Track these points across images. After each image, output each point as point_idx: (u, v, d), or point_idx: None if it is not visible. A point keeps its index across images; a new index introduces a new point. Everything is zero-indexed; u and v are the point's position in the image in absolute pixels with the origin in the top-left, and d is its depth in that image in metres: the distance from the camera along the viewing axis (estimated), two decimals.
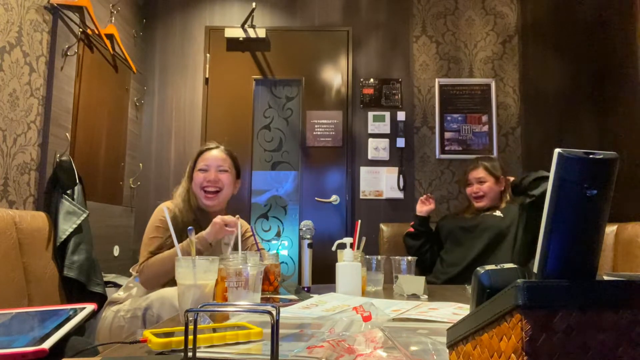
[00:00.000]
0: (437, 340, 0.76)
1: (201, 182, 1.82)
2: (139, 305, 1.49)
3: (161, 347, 0.77)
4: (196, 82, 3.41)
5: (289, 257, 3.75)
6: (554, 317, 0.43)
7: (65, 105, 2.31)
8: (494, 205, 2.42)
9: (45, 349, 0.80)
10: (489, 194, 2.40)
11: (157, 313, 1.43)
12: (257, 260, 1.47)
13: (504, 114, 3.41)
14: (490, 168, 2.43)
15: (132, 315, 1.50)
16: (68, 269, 1.99)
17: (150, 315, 1.45)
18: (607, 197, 0.46)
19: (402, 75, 3.42)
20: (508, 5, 3.50)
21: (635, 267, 1.93)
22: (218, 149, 1.91)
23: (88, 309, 1.03)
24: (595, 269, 0.47)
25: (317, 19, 3.48)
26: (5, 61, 1.92)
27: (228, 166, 1.88)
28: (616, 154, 0.46)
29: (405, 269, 1.66)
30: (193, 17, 3.46)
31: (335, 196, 3.32)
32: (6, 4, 1.92)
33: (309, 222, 1.71)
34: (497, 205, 2.43)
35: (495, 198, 2.42)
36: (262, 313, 0.69)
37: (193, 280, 1.03)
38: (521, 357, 0.43)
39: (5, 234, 1.69)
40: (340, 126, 3.37)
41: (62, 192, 2.11)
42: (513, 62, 3.45)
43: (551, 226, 0.45)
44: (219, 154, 1.89)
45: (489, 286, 0.52)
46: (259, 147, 3.78)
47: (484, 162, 2.48)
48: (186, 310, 0.69)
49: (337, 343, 0.74)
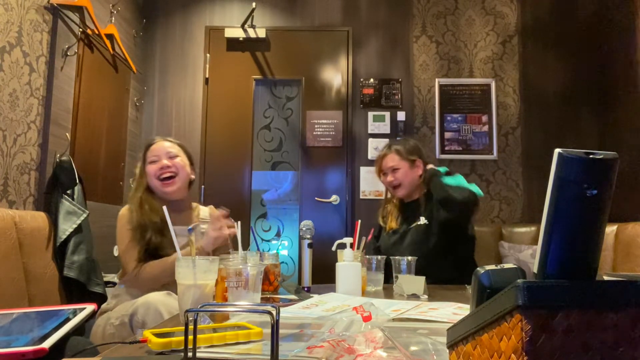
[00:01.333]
0: (437, 340, 0.76)
1: (155, 172, 1.81)
2: (126, 312, 1.49)
3: (161, 347, 0.77)
4: (196, 82, 3.41)
5: (289, 257, 3.75)
6: (554, 317, 0.43)
7: (65, 105, 2.31)
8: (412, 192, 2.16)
9: (45, 348, 0.80)
10: (404, 182, 2.13)
11: (142, 319, 1.42)
12: (257, 260, 1.47)
13: (504, 114, 3.41)
14: (402, 152, 2.16)
15: (120, 322, 1.50)
16: (68, 269, 1.99)
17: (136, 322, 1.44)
18: (607, 197, 0.46)
19: (402, 75, 3.42)
20: (508, 5, 3.50)
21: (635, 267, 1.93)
22: (163, 140, 1.91)
23: (88, 309, 1.03)
24: (595, 269, 0.47)
25: (317, 19, 3.48)
26: (5, 61, 1.92)
27: (177, 151, 1.88)
28: (616, 154, 0.46)
29: (405, 269, 1.66)
30: (193, 17, 3.46)
31: (335, 196, 3.32)
32: (6, 4, 1.92)
33: (309, 222, 1.71)
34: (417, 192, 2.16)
35: (413, 184, 2.14)
36: (262, 313, 0.69)
37: (193, 280, 1.03)
38: (521, 357, 0.43)
39: (5, 234, 1.69)
40: (340, 126, 3.37)
41: (62, 192, 2.11)
42: (513, 62, 3.45)
43: (551, 226, 0.45)
44: (165, 142, 1.89)
45: (489, 286, 0.52)
46: (259, 147, 3.78)
47: (396, 146, 2.19)
48: (186, 310, 0.69)
49: (337, 343, 0.74)
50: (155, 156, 1.84)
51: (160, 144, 1.88)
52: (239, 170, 3.35)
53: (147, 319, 1.41)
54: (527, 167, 3.34)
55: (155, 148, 1.87)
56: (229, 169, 3.34)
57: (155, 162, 1.83)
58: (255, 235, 1.80)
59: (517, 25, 3.48)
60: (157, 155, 1.84)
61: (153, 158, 1.84)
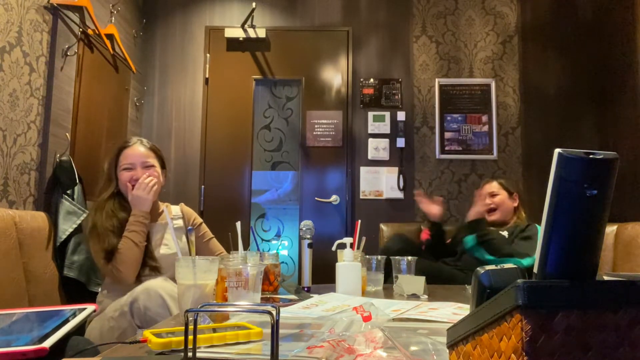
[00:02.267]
0: (437, 340, 0.76)
1: (128, 180, 1.77)
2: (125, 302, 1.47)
3: (161, 347, 0.77)
4: (196, 82, 3.41)
5: (289, 257, 3.75)
6: (554, 317, 0.43)
7: (65, 105, 2.31)
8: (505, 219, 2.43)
9: (46, 347, 0.80)
10: (501, 207, 2.42)
11: (144, 305, 1.41)
12: (257, 260, 1.47)
13: (504, 114, 3.41)
14: (503, 183, 2.50)
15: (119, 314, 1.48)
16: (68, 269, 1.99)
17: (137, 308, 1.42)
18: (607, 197, 0.46)
19: (402, 75, 3.42)
20: (508, 5, 3.50)
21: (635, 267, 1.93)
22: (138, 143, 1.85)
23: (89, 309, 1.03)
24: (595, 269, 0.47)
25: (317, 19, 3.48)
26: (5, 61, 1.92)
27: (152, 160, 1.83)
28: (616, 154, 0.46)
29: (405, 269, 1.66)
30: (193, 17, 3.46)
31: (335, 196, 3.32)
32: (6, 4, 1.92)
33: (309, 222, 1.71)
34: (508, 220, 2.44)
35: (507, 212, 2.44)
36: (262, 313, 0.69)
37: (193, 280, 1.03)
38: (521, 357, 0.43)
39: (5, 234, 1.69)
40: (340, 126, 3.37)
41: (62, 192, 2.11)
42: (513, 62, 3.45)
43: (551, 226, 0.45)
44: (141, 149, 1.83)
45: (489, 286, 0.52)
46: (259, 147, 3.79)
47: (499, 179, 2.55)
48: (186, 310, 0.69)
49: (337, 343, 0.74)
50: (130, 164, 1.79)
51: (135, 149, 1.82)
52: (239, 170, 3.35)
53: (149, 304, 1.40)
54: (527, 167, 3.34)
55: (129, 154, 1.81)
56: (228, 169, 3.34)
57: (130, 170, 1.78)
58: (255, 235, 1.80)
59: (517, 25, 3.48)
60: (131, 163, 1.79)
61: (127, 165, 1.79)
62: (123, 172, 1.79)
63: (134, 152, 1.82)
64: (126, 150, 1.82)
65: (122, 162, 1.80)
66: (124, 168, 1.79)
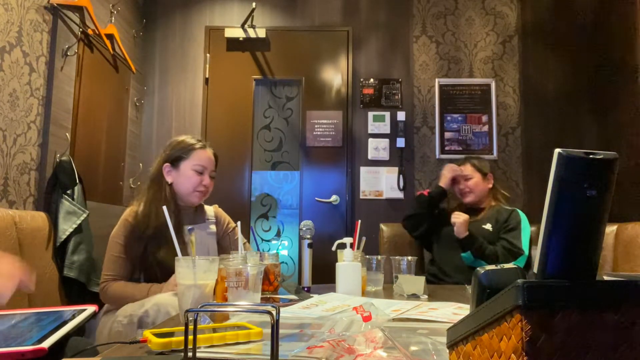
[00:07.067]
0: (437, 340, 0.76)
1: (196, 185, 1.75)
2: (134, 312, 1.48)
3: (161, 347, 0.77)
4: (196, 82, 3.41)
5: (289, 257, 3.75)
6: (554, 317, 0.43)
7: (65, 105, 2.31)
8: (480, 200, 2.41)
9: (45, 348, 0.80)
10: (475, 190, 2.40)
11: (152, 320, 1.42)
12: (257, 260, 1.47)
13: (504, 114, 3.41)
14: (477, 164, 2.46)
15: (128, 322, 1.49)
16: (68, 269, 1.99)
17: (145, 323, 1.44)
18: (607, 197, 0.46)
19: (402, 75, 3.42)
20: (508, 5, 3.50)
21: (635, 267, 1.93)
22: (210, 148, 1.84)
23: (89, 310, 1.03)
24: (595, 269, 0.47)
25: (317, 19, 3.48)
26: (5, 61, 1.92)
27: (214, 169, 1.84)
28: (616, 154, 0.46)
29: (405, 269, 1.66)
30: (193, 17, 3.46)
31: (335, 196, 3.32)
32: (6, 4, 1.92)
33: (309, 222, 1.71)
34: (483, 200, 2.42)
35: (482, 194, 2.42)
36: (262, 313, 0.69)
37: (193, 280, 1.03)
38: (521, 357, 0.43)
39: (5, 234, 1.69)
40: (340, 126, 3.37)
41: (62, 192, 2.11)
42: (513, 62, 3.45)
43: (551, 226, 0.45)
44: (212, 155, 1.82)
45: (489, 286, 0.52)
46: (259, 147, 3.79)
47: (472, 160, 2.50)
48: (186, 310, 0.69)
49: (337, 343, 0.74)
50: (203, 168, 1.77)
51: (210, 154, 1.81)
52: (239, 170, 3.35)
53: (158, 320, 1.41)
54: (527, 167, 3.34)
55: (205, 157, 1.78)
56: (229, 169, 3.34)
57: (200, 174, 1.76)
58: (255, 235, 1.80)
59: (517, 25, 3.48)
60: (204, 167, 1.77)
61: (199, 168, 1.76)
62: (194, 173, 1.76)
63: (208, 156, 1.80)
64: (202, 152, 1.79)
65: (195, 161, 1.77)
66: (195, 169, 1.76)
